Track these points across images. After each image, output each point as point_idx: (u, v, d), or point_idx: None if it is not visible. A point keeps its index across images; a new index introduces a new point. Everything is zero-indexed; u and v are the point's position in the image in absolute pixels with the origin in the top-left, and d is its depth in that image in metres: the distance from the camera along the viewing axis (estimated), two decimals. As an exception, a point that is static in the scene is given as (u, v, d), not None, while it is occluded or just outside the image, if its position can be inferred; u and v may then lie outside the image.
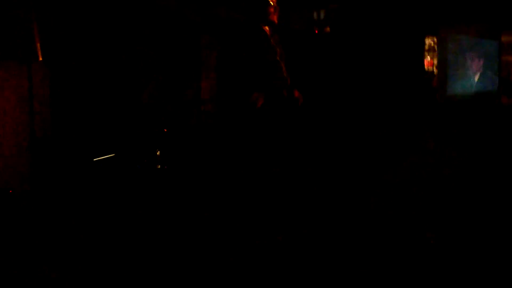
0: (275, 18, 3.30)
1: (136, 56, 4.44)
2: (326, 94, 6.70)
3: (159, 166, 4.11)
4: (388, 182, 3.87)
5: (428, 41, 7.70)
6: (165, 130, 4.37)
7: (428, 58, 7.87)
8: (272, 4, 3.24)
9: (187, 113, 5.18)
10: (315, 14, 7.31)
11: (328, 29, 7.02)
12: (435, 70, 7.44)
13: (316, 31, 7.26)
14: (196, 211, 3.12)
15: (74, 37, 3.71)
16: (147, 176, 3.99)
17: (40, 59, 3.02)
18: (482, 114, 6.86)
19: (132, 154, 4.09)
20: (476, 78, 7.52)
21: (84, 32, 3.86)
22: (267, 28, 3.33)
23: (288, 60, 3.48)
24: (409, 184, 3.75)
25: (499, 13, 7.24)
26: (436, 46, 7.40)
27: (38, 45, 3.02)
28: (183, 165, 4.33)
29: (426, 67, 7.59)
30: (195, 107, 5.35)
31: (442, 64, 7.30)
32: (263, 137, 3.36)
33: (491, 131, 6.10)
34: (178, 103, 5.08)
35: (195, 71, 5.43)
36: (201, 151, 4.59)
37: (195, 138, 4.85)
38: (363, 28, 7.15)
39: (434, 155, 5.06)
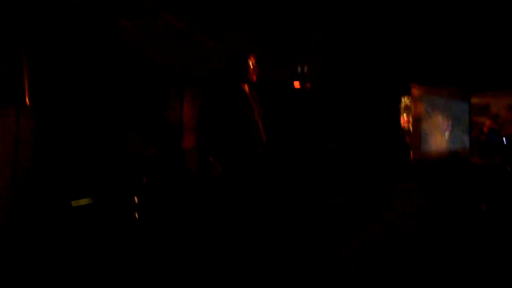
0: (254, 77, 3.40)
1: (120, 104, 4.53)
2: (303, 146, 6.85)
3: (136, 215, 4.11)
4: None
5: (404, 100, 8.05)
6: (144, 179, 4.39)
7: (404, 116, 8.20)
8: (251, 63, 3.36)
9: (169, 162, 5.23)
10: (298, 69, 7.59)
11: (308, 84, 7.28)
12: (410, 127, 7.73)
13: (298, 86, 7.52)
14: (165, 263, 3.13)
15: (61, 83, 3.78)
16: (123, 223, 3.97)
17: (28, 103, 3.07)
18: (453, 172, 7.08)
19: (110, 200, 4.08)
20: (448, 137, 7.83)
21: (72, 78, 3.94)
22: (246, 85, 3.40)
23: (268, 114, 3.57)
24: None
25: (468, 77, 7.68)
26: (410, 105, 7.73)
27: (27, 89, 3.08)
28: (161, 214, 4.32)
29: (401, 124, 7.88)
30: (177, 156, 5.41)
31: (416, 123, 7.59)
32: (237, 191, 3.35)
33: (460, 187, 6.29)
34: (160, 152, 5.14)
35: (178, 121, 5.54)
36: (179, 202, 4.60)
37: (176, 188, 4.87)
38: (343, 84, 7.46)
39: (403, 208, 5.17)
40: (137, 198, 4.28)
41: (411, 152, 7.49)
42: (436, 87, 7.85)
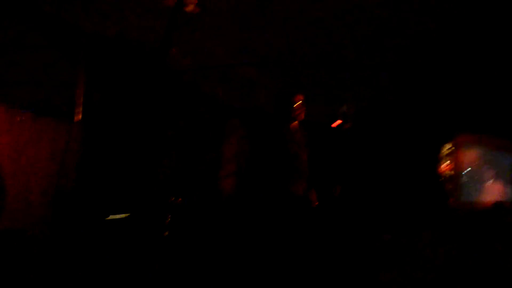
0: (302, 116, 3.55)
1: (163, 127, 4.83)
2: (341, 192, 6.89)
3: (167, 233, 4.32)
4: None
5: (446, 147, 7.94)
6: (179, 200, 4.62)
7: (445, 163, 8.06)
8: (300, 103, 3.52)
9: (205, 188, 5.47)
10: (343, 108, 7.72)
11: (349, 124, 7.37)
12: (451, 175, 7.58)
13: (339, 126, 7.62)
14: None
15: (112, 105, 4.16)
16: (154, 240, 4.19)
17: (80, 118, 3.43)
18: (495, 225, 6.82)
19: (144, 217, 4.32)
20: (491, 187, 7.59)
21: (122, 102, 4.31)
22: (293, 124, 3.53)
23: (312, 157, 3.67)
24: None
25: (515, 130, 7.49)
26: (453, 153, 7.61)
27: (81, 106, 3.45)
28: (190, 236, 4.51)
29: (442, 172, 7.75)
30: (214, 183, 5.65)
31: (459, 171, 7.44)
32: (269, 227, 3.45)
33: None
34: (198, 177, 5.39)
35: (218, 149, 5.81)
36: (211, 227, 4.78)
37: (209, 213, 5.06)
38: (385, 128, 7.49)
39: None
40: (170, 218, 4.50)
41: (450, 201, 7.32)
42: (483, 137, 7.70)
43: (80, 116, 3.44)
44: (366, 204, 6.59)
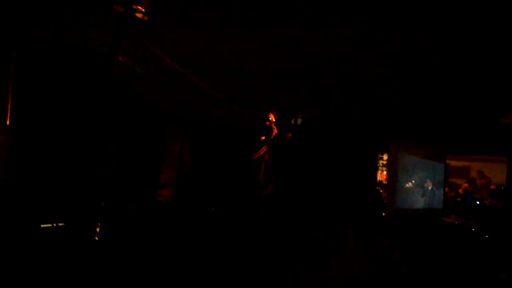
0: (273, 131, 3.77)
1: (99, 129, 4.76)
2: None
3: (97, 238, 4.25)
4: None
5: (381, 157, 8.35)
6: (109, 206, 4.55)
7: (381, 172, 8.47)
8: (272, 119, 3.73)
9: (142, 194, 5.41)
10: (292, 120, 7.98)
11: (289, 134, 7.58)
12: (386, 183, 7.97)
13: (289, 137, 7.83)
14: None
15: (41, 107, 4.02)
16: (84, 248, 4.10)
17: (8, 123, 3.32)
18: (427, 230, 7.23)
19: (76, 225, 4.22)
20: (423, 195, 8.05)
21: (51, 103, 4.18)
22: (263, 138, 3.73)
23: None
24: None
25: (446, 138, 8.00)
26: (387, 162, 8.01)
27: (9, 109, 3.33)
28: (124, 242, 4.45)
29: (377, 180, 8.14)
30: (152, 189, 5.60)
31: (393, 179, 7.84)
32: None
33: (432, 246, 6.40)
34: (134, 183, 5.33)
35: (157, 155, 5.77)
36: (146, 232, 4.73)
37: (145, 219, 5.00)
38: (325, 138, 7.76)
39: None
40: (100, 224, 4.42)
41: (385, 208, 7.69)
42: (414, 146, 8.16)
43: (8, 119, 3.31)
44: (305, 206, 6.76)
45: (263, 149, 3.72)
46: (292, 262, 4.50)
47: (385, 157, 8.39)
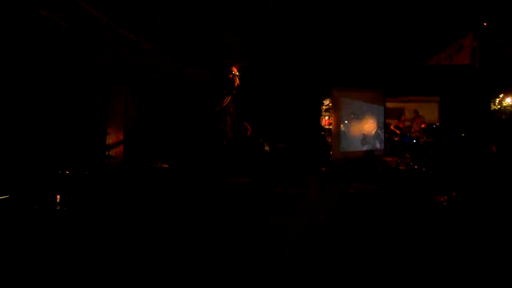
0: (235, 85, 3.75)
1: (45, 94, 4.51)
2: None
3: (58, 207, 4.11)
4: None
5: (326, 102, 8.57)
6: (67, 172, 4.39)
7: (326, 117, 8.72)
8: (234, 72, 3.73)
9: (92, 157, 5.24)
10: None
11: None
12: (331, 128, 8.23)
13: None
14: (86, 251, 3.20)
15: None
16: (44, 217, 3.96)
17: None
18: (368, 169, 7.64)
19: (31, 194, 4.04)
20: (365, 138, 8.44)
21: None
22: (225, 91, 3.71)
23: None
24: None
25: (384, 82, 8.33)
26: (331, 107, 8.24)
27: None
28: (83, 206, 4.34)
29: (323, 125, 8.39)
30: (101, 151, 5.43)
31: (337, 124, 8.10)
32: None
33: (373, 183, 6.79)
34: (84, 146, 5.14)
35: (102, 116, 5.56)
36: (103, 194, 4.64)
37: (99, 181, 4.88)
38: (267, 85, 7.81)
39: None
40: (60, 191, 4.27)
41: (330, 152, 7.98)
42: (355, 90, 8.42)
43: None
44: (259, 154, 6.85)
45: (226, 101, 3.73)
46: (261, 211, 4.64)
47: (326, 102, 8.62)
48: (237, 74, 3.78)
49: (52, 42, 4.98)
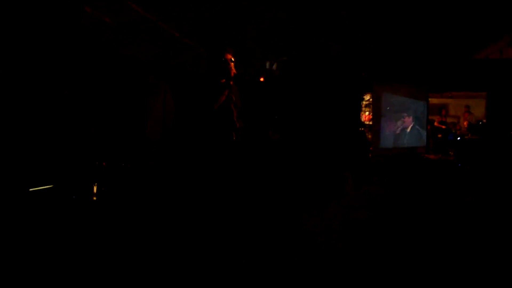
0: (232, 70, 3.61)
1: (84, 89, 4.59)
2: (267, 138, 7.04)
3: (95, 198, 4.19)
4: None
5: (366, 98, 8.36)
6: (104, 164, 4.47)
7: (366, 113, 8.52)
8: (229, 57, 3.56)
9: (131, 149, 5.32)
10: (267, 65, 7.85)
11: (262, 78, 7.50)
12: (371, 124, 8.03)
13: (262, 80, 7.74)
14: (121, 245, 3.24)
15: (19, 67, 3.82)
16: (81, 208, 4.05)
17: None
18: (410, 166, 7.42)
19: (69, 185, 4.15)
20: (406, 133, 8.18)
21: (31, 62, 3.97)
22: (223, 80, 3.59)
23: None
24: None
25: (427, 77, 8.04)
26: (372, 103, 8.04)
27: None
28: (120, 198, 4.41)
29: (363, 121, 8.19)
30: (139, 144, 5.50)
31: (377, 119, 7.90)
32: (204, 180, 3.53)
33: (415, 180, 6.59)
34: (123, 139, 5.22)
35: (141, 109, 5.63)
36: (140, 186, 4.70)
37: (135, 174, 4.95)
38: (307, 80, 7.69)
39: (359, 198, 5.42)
40: (97, 183, 4.36)
41: (370, 148, 7.79)
42: (397, 85, 8.17)
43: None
44: (295, 150, 6.78)
45: (225, 93, 3.57)
46: (293, 207, 4.57)
47: (367, 97, 8.41)
48: (232, 60, 3.48)
49: (93, 37, 5.08)
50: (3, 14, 3.70)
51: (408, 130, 8.17)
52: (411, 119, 8.16)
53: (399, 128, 8.14)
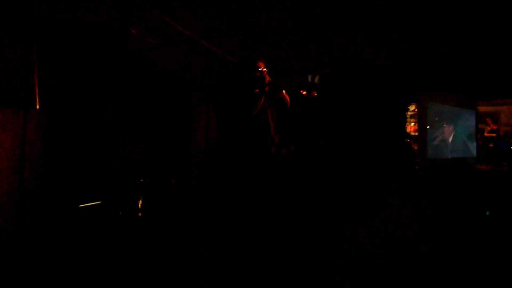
0: (265, 80, 3.57)
1: (129, 109, 4.71)
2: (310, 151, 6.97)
3: (140, 214, 4.27)
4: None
5: (411, 108, 8.14)
6: (148, 180, 4.56)
7: (412, 123, 8.29)
8: (262, 68, 3.53)
9: (175, 166, 5.40)
10: (309, 78, 7.80)
11: (315, 93, 7.42)
12: (416, 135, 7.80)
13: (305, 93, 7.69)
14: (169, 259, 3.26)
15: (70, 88, 3.97)
16: (128, 223, 4.13)
17: (38, 107, 3.26)
18: (460, 178, 7.11)
19: (116, 201, 4.24)
20: (455, 144, 7.87)
21: (82, 84, 4.13)
22: (257, 90, 3.55)
23: (279, 120, 3.72)
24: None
25: (475, 85, 7.73)
26: (417, 113, 7.81)
27: (37, 93, 3.27)
28: (164, 214, 4.47)
29: (408, 132, 7.96)
30: (183, 160, 5.58)
31: (423, 130, 7.66)
32: (247, 194, 3.50)
33: (466, 193, 6.30)
34: (167, 155, 5.31)
35: (185, 126, 5.72)
36: (183, 203, 4.75)
37: (180, 190, 5.01)
38: (350, 92, 7.57)
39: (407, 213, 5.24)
40: (141, 200, 4.45)
41: (417, 160, 7.55)
42: (443, 94, 7.91)
43: (38, 104, 3.25)
44: (337, 163, 6.68)
45: (261, 101, 3.50)
46: (339, 222, 4.47)
47: (412, 107, 8.18)
48: (265, 69, 3.41)
49: (137, 56, 5.23)
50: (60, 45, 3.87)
51: (456, 140, 7.86)
52: (458, 128, 7.86)
53: (447, 139, 7.85)
